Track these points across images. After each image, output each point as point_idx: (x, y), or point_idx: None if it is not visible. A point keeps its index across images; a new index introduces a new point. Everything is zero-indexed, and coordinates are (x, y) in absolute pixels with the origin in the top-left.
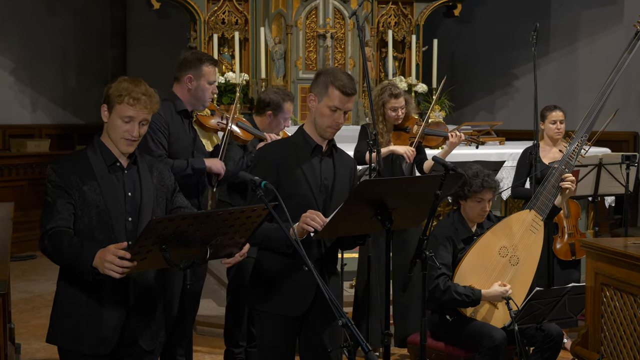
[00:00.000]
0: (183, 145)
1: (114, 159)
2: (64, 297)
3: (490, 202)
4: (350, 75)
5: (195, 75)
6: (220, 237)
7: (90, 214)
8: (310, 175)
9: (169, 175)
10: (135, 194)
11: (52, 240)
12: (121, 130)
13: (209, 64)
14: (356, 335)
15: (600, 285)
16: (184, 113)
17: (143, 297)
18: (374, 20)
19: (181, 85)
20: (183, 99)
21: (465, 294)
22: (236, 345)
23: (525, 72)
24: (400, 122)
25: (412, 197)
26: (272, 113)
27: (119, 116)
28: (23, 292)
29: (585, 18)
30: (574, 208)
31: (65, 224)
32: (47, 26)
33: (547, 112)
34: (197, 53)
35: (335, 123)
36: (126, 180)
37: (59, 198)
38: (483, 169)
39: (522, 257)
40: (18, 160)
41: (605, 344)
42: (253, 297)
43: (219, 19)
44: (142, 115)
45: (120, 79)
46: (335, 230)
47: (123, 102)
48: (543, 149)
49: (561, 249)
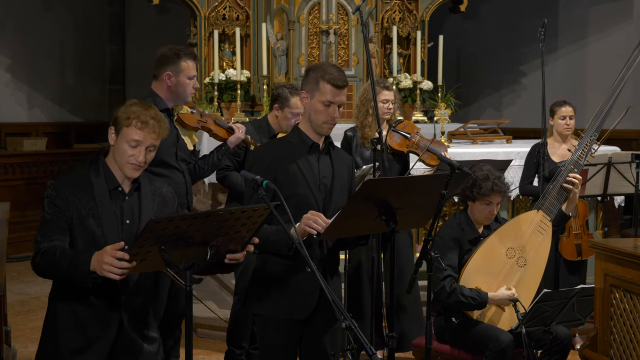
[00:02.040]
0: (166, 145)
1: (116, 184)
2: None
3: (498, 205)
4: (340, 68)
5: (174, 71)
6: (220, 237)
7: (85, 238)
8: (309, 174)
9: (172, 197)
10: (133, 222)
11: (44, 257)
12: (127, 154)
13: (188, 58)
14: (360, 338)
15: (610, 286)
16: (166, 112)
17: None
18: (378, 16)
19: (160, 82)
20: (163, 96)
21: (471, 296)
22: (238, 346)
23: (532, 69)
24: (389, 118)
25: (417, 196)
26: (279, 106)
27: (125, 140)
28: (19, 294)
29: (594, 14)
30: (581, 208)
31: (60, 244)
32: (44, 22)
33: (556, 107)
34: (174, 48)
35: (330, 118)
36: (125, 207)
37: (56, 218)
38: (494, 171)
39: (529, 259)
40: (14, 159)
41: (614, 347)
42: (254, 301)
43: (220, 15)
44: (149, 141)
45: (129, 102)
46: (338, 231)
47: (131, 125)
48: (552, 146)
49: (567, 249)
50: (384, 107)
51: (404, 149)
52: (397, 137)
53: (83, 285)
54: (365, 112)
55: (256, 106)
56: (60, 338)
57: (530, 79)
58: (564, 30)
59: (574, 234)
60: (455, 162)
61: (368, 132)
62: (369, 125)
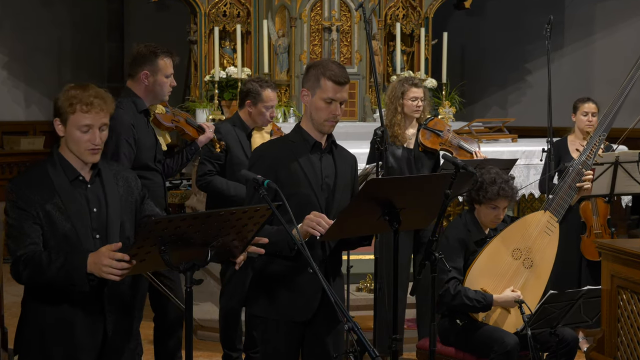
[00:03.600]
0: (146, 147)
1: (76, 174)
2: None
3: (505, 209)
4: (340, 64)
5: (152, 70)
6: (221, 238)
7: (56, 233)
8: (311, 173)
9: (135, 182)
10: (100, 209)
11: (28, 264)
12: (82, 140)
13: (165, 56)
14: (363, 340)
15: (617, 288)
16: (145, 112)
17: (120, 312)
18: (381, 12)
19: (137, 82)
20: (141, 96)
21: (476, 299)
22: (233, 348)
23: (538, 67)
24: (419, 116)
25: (421, 196)
26: (251, 102)
27: (75, 127)
28: (15, 295)
29: (601, 9)
30: (602, 207)
31: (36, 248)
32: (41, 18)
33: (579, 103)
34: (150, 46)
35: (332, 115)
36: (90, 196)
37: (24, 221)
38: (502, 174)
39: (536, 260)
40: (11, 158)
41: (622, 349)
42: (255, 303)
43: (220, 12)
44: (99, 121)
45: (66, 87)
46: (341, 231)
47: (76, 111)
48: (573, 143)
49: (589, 249)
50: (413, 105)
51: (436, 147)
52: (428, 134)
53: (80, 289)
54: (394, 110)
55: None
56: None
57: (536, 76)
58: (571, 27)
59: (594, 234)
60: (460, 161)
61: (397, 130)
62: (398, 123)
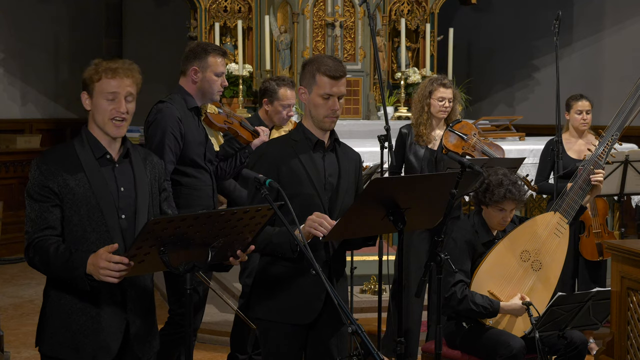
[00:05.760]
0: (195, 143)
1: (103, 151)
2: (57, 307)
3: (512, 211)
4: (336, 58)
5: (201, 66)
6: (222, 238)
7: (80, 211)
8: (314, 172)
9: (160, 167)
10: (128, 190)
11: (38, 252)
12: (107, 109)
13: (216, 54)
14: (367, 343)
15: (627, 289)
16: (195, 110)
17: (140, 302)
18: (385, 8)
19: (187, 78)
20: (191, 93)
21: (482, 305)
22: (243, 350)
23: (546, 64)
24: (447, 117)
25: (426, 196)
26: (268, 100)
27: (101, 96)
28: (12, 297)
29: (611, 5)
30: (601, 206)
31: (53, 232)
32: (38, 13)
33: (572, 101)
34: (202, 43)
35: (331, 111)
36: (118, 175)
37: (44, 201)
38: (510, 176)
39: (545, 262)
40: (7, 157)
41: (632, 352)
42: (257, 305)
43: (221, 7)
44: (126, 88)
45: (93, 61)
46: (345, 232)
47: (102, 79)
48: (568, 141)
49: (587, 249)
50: (440, 105)
51: (459, 151)
52: (452, 137)
53: (82, 288)
54: (420, 109)
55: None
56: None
57: (544, 73)
58: (579, 22)
59: (594, 234)
60: (466, 161)
61: (423, 129)
62: (424, 122)
